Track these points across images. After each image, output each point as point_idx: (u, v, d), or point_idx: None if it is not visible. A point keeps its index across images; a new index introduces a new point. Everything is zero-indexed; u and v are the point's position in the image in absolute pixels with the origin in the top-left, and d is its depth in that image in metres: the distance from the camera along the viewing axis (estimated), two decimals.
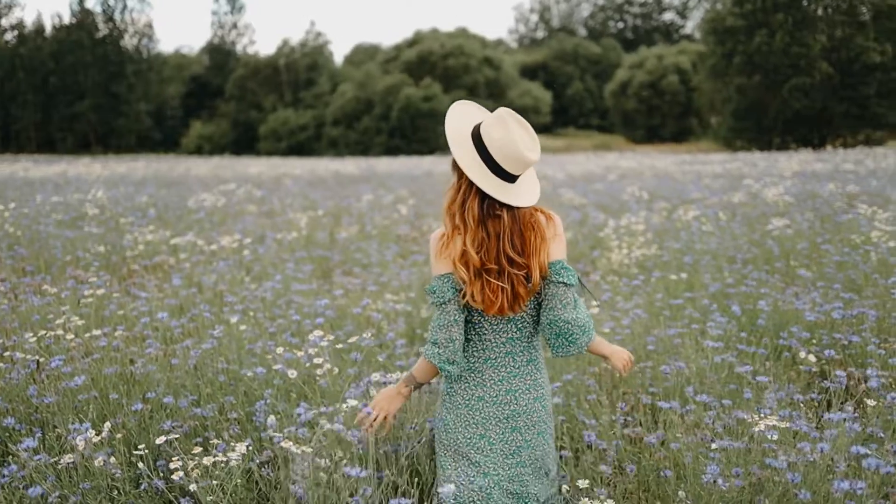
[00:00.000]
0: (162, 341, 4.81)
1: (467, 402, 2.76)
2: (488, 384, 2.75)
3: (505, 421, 2.74)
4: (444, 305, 2.70)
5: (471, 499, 2.72)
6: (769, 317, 5.30)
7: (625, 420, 3.98)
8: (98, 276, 6.65)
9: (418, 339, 5.39)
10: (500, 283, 2.63)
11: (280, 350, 3.71)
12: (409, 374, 2.87)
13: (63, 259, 7.27)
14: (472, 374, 2.77)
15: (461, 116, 2.77)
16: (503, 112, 2.65)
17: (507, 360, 2.76)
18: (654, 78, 64.46)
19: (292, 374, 3.58)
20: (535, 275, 2.64)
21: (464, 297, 2.66)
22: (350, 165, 27.42)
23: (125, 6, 67.54)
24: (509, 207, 2.65)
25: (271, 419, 3.43)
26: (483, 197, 2.64)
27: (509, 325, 2.74)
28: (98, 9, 66.78)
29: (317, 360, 3.54)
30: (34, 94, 63.46)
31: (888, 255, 6.64)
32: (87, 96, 64.15)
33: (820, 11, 46.99)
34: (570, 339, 2.68)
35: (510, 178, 2.64)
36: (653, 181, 16.36)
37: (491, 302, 2.64)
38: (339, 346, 3.83)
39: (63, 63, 63.82)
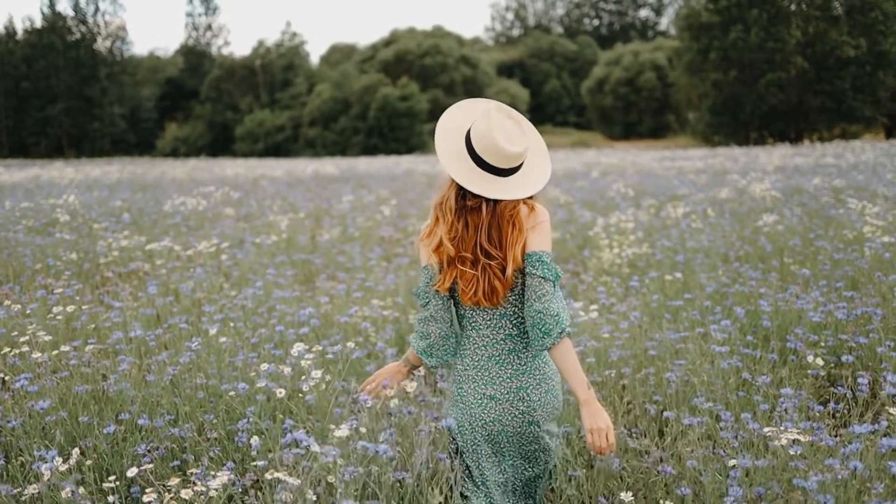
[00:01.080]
0: (136, 355, 4.54)
1: (479, 402, 2.75)
2: (497, 382, 2.74)
3: (521, 416, 2.74)
4: (427, 299, 2.76)
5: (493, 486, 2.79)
6: (772, 318, 5.11)
7: (629, 431, 3.76)
8: (70, 284, 6.36)
9: (408, 347, 5.15)
10: (475, 272, 2.64)
11: (264, 366, 3.45)
12: (406, 355, 2.97)
13: (33, 267, 6.95)
14: (480, 373, 2.76)
15: (458, 116, 2.78)
16: (491, 106, 2.67)
17: (511, 357, 2.74)
18: (631, 75, 64.61)
19: (280, 392, 3.33)
20: (509, 268, 2.62)
21: (443, 282, 2.68)
22: (329, 165, 27.09)
23: (97, 9, 66.62)
24: (488, 201, 2.65)
25: (255, 440, 3.18)
26: (461, 190, 2.66)
27: (504, 321, 2.73)
28: (70, 11, 65.79)
29: (310, 375, 3.29)
30: (6, 99, 62.49)
31: (883, 251, 6.48)
32: (59, 100, 63.28)
33: (793, 7, 47.16)
34: (543, 329, 2.61)
35: (500, 171, 2.63)
36: (636, 178, 16.19)
37: (463, 292, 2.67)
38: (329, 356, 3.57)
39: (35, 67, 62.88)
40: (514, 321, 2.74)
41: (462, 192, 2.67)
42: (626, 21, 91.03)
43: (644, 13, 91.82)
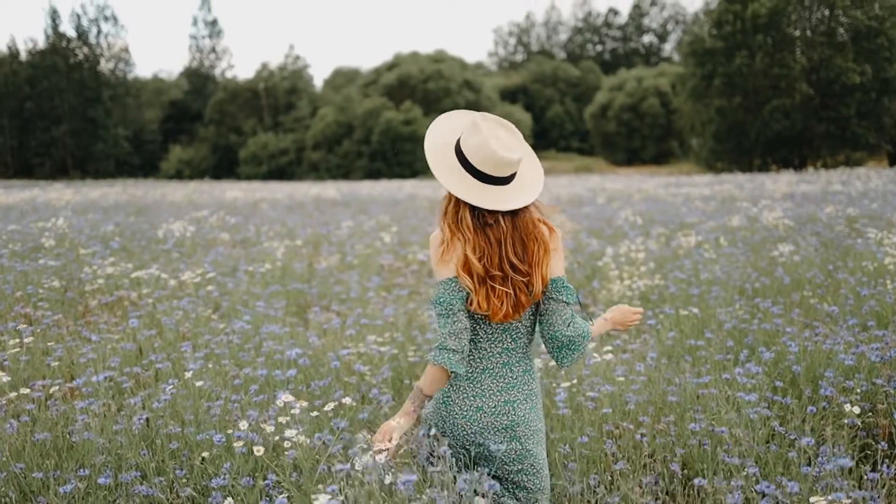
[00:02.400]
0: (110, 395, 4.17)
1: (465, 413, 2.69)
2: (487, 394, 2.70)
3: (504, 431, 2.69)
4: (453, 314, 2.61)
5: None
6: (798, 358, 4.73)
7: (654, 495, 3.38)
8: (51, 313, 6.00)
9: (406, 390, 4.77)
10: (505, 290, 2.61)
11: (243, 424, 3.07)
12: (417, 390, 2.69)
13: (12, 295, 6.58)
14: (471, 384, 2.71)
15: (443, 130, 2.75)
16: (476, 117, 2.64)
17: (504, 370, 2.72)
18: (635, 100, 64.43)
19: (258, 450, 2.96)
20: (538, 285, 2.63)
21: (470, 304, 2.62)
22: (331, 189, 26.78)
23: (100, 30, 66.74)
24: (505, 213, 2.63)
25: (229, 502, 2.80)
26: (474, 205, 2.62)
27: (504, 336, 2.71)
28: (72, 33, 65.86)
29: (293, 428, 2.92)
30: (10, 120, 62.46)
31: None
32: (63, 121, 63.25)
33: (797, 32, 47.06)
34: (573, 348, 2.71)
35: (498, 181, 2.62)
36: (643, 205, 15.85)
37: (497, 309, 2.62)
38: (315, 413, 3.20)
39: (38, 88, 62.88)
40: (514, 335, 2.72)
41: (475, 210, 2.62)
42: (630, 47, 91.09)
43: (647, 39, 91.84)
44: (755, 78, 46.05)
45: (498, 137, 2.59)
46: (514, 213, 2.64)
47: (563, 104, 75.34)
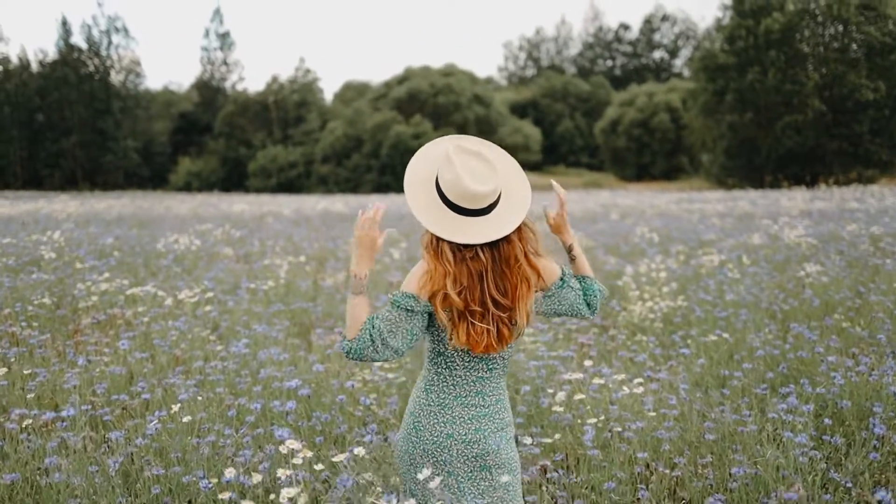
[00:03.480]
0: (90, 427, 3.81)
1: (435, 439, 2.63)
2: (458, 422, 2.63)
3: (474, 460, 2.63)
4: (409, 315, 2.54)
5: None
6: (843, 393, 4.35)
7: None
8: (38, 333, 5.66)
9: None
10: (485, 325, 2.54)
11: (229, 472, 2.70)
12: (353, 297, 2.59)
13: (1, 312, 6.25)
14: (443, 411, 2.64)
15: (424, 166, 2.69)
16: (449, 149, 2.58)
17: (476, 399, 2.65)
18: (645, 116, 64.11)
19: None
20: (522, 321, 2.58)
21: (450, 339, 2.56)
22: (339, 203, 26.46)
23: (110, 42, 66.82)
24: (484, 246, 2.55)
25: None
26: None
27: (481, 364, 2.65)
28: (83, 44, 65.97)
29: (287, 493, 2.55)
30: (19, 131, 62.38)
31: None
32: (73, 133, 63.21)
33: (807, 48, 46.72)
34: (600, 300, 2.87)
35: (476, 212, 2.54)
36: (658, 221, 15.45)
37: (476, 342, 2.55)
38: (319, 466, 2.83)
39: (49, 99, 62.89)
40: (490, 364, 2.66)
41: (454, 243, 2.55)
42: (640, 62, 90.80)
43: (658, 54, 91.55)
44: (767, 94, 45.69)
45: (471, 170, 2.52)
46: (493, 246, 2.57)
47: (573, 119, 75.08)
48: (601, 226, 14.07)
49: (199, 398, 4.11)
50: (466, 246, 2.54)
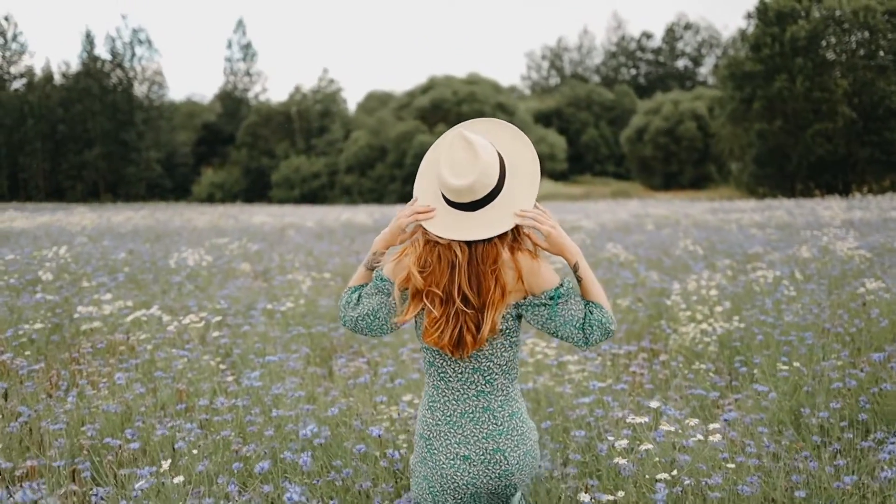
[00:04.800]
0: (77, 480, 3.27)
1: (452, 462, 2.46)
2: (472, 442, 2.45)
3: (497, 479, 2.46)
4: (387, 297, 2.50)
5: None
6: None
7: None
8: (27, 364, 5.13)
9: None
10: (442, 314, 2.39)
11: None
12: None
13: None
14: (453, 429, 2.47)
15: (431, 157, 2.61)
16: (454, 132, 2.45)
17: (486, 415, 2.47)
18: (671, 124, 63.41)
19: None
20: (486, 328, 2.37)
21: (406, 314, 2.45)
22: (362, 214, 25.95)
23: (134, 54, 67.04)
24: (460, 241, 2.40)
25: None
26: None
27: (476, 376, 2.47)
28: (107, 56, 66.25)
29: None
30: (43, 143, 62.69)
31: None
32: (96, 144, 63.43)
33: (832, 56, 45.90)
34: (601, 337, 2.48)
35: (464, 206, 2.39)
36: (696, 231, 14.78)
37: (427, 330, 2.43)
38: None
39: (71, 111, 63.17)
40: (487, 377, 2.47)
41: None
42: (664, 71, 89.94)
43: (681, 63, 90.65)
44: (796, 101, 44.97)
45: (452, 162, 2.36)
46: (470, 243, 2.39)
47: (598, 128, 74.49)
48: (637, 237, 13.42)
49: (201, 444, 3.56)
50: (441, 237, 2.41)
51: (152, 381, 4.70)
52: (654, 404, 3.41)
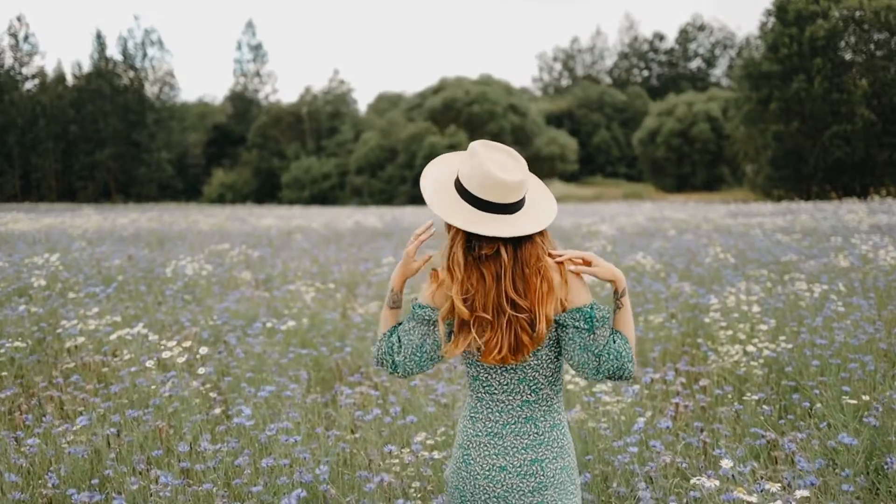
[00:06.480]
0: None
1: (487, 473, 2.39)
2: (511, 453, 2.39)
3: (531, 494, 2.37)
4: (425, 326, 2.42)
5: None
6: None
7: None
8: (7, 385, 4.59)
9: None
10: (496, 331, 2.32)
11: None
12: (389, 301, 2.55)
13: None
14: (493, 440, 2.41)
15: (440, 170, 2.51)
16: (473, 145, 2.40)
17: (528, 425, 2.41)
18: (684, 125, 62.79)
19: None
20: (541, 325, 2.31)
21: (456, 346, 2.36)
22: (372, 217, 25.37)
23: (145, 55, 66.88)
24: (507, 243, 2.32)
25: None
26: (470, 239, 2.34)
27: (522, 386, 2.41)
28: (118, 57, 66.15)
29: None
30: (55, 143, 62.62)
31: None
32: (107, 145, 63.33)
33: (850, 56, 45.15)
34: (622, 376, 2.40)
35: (500, 208, 2.32)
36: (719, 236, 14.15)
37: (487, 352, 2.34)
38: None
39: (83, 111, 63.12)
40: (533, 386, 2.42)
41: (471, 243, 2.34)
42: (677, 72, 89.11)
43: (694, 64, 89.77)
44: (814, 102, 44.20)
45: (495, 160, 2.34)
46: (516, 245, 2.34)
47: (610, 129, 73.93)
48: (660, 243, 12.77)
49: (180, 499, 3.00)
50: (487, 243, 2.32)
51: (129, 415, 4.13)
52: (725, 464, 2.81)
